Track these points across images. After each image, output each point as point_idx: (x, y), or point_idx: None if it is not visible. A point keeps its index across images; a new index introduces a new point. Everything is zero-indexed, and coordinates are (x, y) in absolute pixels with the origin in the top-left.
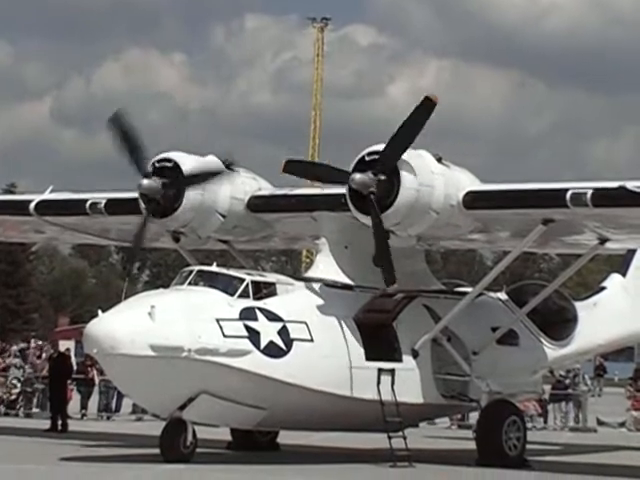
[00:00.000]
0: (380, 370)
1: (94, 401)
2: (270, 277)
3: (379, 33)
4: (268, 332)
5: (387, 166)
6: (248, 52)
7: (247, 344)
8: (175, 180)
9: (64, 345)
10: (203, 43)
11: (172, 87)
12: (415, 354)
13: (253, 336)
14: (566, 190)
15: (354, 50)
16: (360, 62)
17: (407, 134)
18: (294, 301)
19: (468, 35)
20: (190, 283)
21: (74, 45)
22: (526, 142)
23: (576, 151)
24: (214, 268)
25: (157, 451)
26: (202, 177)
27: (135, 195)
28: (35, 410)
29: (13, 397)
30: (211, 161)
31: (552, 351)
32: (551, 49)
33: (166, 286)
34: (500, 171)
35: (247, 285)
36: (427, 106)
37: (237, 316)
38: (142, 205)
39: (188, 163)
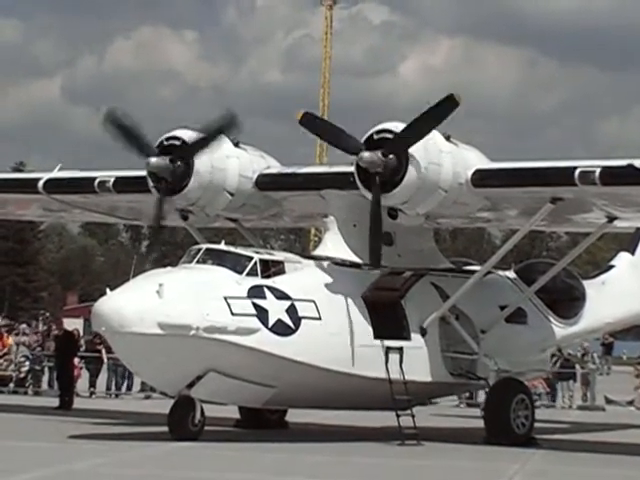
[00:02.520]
0: (388, 348)
1: (103, 379)
2: (278, 255)
3: (391, 11)
4: (276, 310)
5: (399, 148)
6: (259, 30)
7: (255, 322)
8: (183, 156)
9: (68, 324)
10: (214, 21)
11: (183, 65)
12: (423, 332)
13: (261, 314)
14: (574, 168)
15: (366, 28)
16: (372, 40)
17: (425, 125)
18: (302, 279)
19: (479, 13)
20: (198, 261)
21: (85, 22)
22: (537, 120)
23: (587, 129)
24: (222, 246)
25: (165, 429)
26: (207, 140)
27: (143, 173)
28: (44, 388)
29: (22, 375)
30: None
31: (560, 329)
32: (562, 27)
33: (174, 264)
34: (510, 149)
35: (255, 263)
36: (450, 104)
37: (245, 294)
38: (150, 183)
39: None
